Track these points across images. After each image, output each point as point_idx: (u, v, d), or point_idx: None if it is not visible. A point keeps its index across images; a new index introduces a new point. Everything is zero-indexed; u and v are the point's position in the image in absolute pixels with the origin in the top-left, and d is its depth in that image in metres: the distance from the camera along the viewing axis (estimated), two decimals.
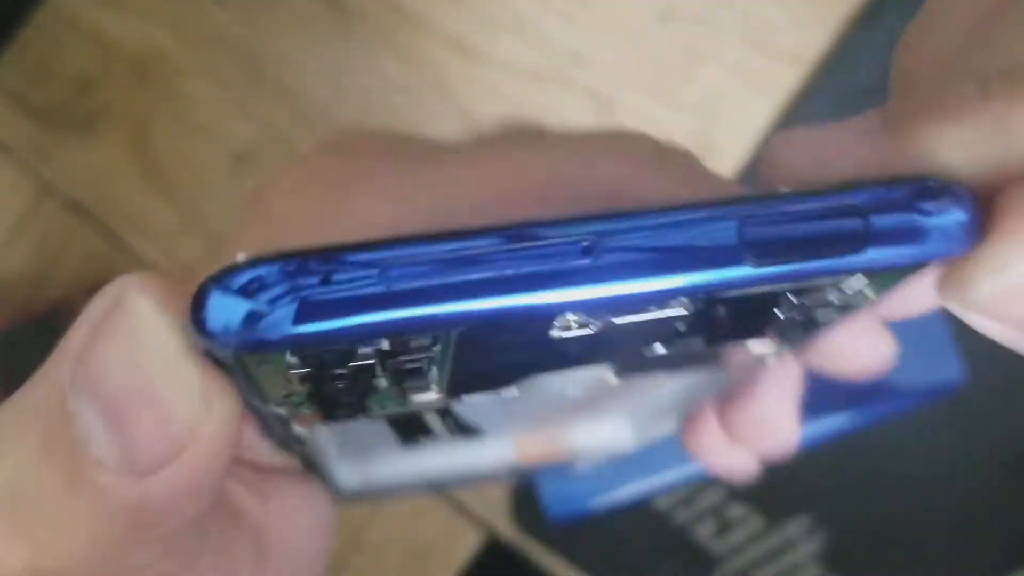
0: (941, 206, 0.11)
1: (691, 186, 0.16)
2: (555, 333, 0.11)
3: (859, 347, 0.17)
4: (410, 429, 0.16)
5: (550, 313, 0.10)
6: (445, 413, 0.16)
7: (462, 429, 0.17)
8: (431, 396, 0.13)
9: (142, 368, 0.11)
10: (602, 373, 0.14)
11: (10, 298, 0.39)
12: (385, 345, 0.11)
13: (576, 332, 0.11)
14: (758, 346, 0.14)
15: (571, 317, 0.11)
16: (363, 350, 0.11)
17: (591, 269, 0.10)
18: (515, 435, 0.19)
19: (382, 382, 0.12)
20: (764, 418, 0.18)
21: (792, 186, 0.11)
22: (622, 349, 0.13)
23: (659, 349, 0.13)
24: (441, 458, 0.19)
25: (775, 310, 0.12)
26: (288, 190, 0.18)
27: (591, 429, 0.20)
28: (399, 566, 0.38)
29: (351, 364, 0.11)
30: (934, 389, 0.37)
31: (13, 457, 0.12)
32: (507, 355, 0.12)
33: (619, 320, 0.11)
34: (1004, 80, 0.11)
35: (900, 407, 0.37)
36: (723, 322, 0.12)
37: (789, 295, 0.12)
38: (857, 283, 0.12)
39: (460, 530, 0.38)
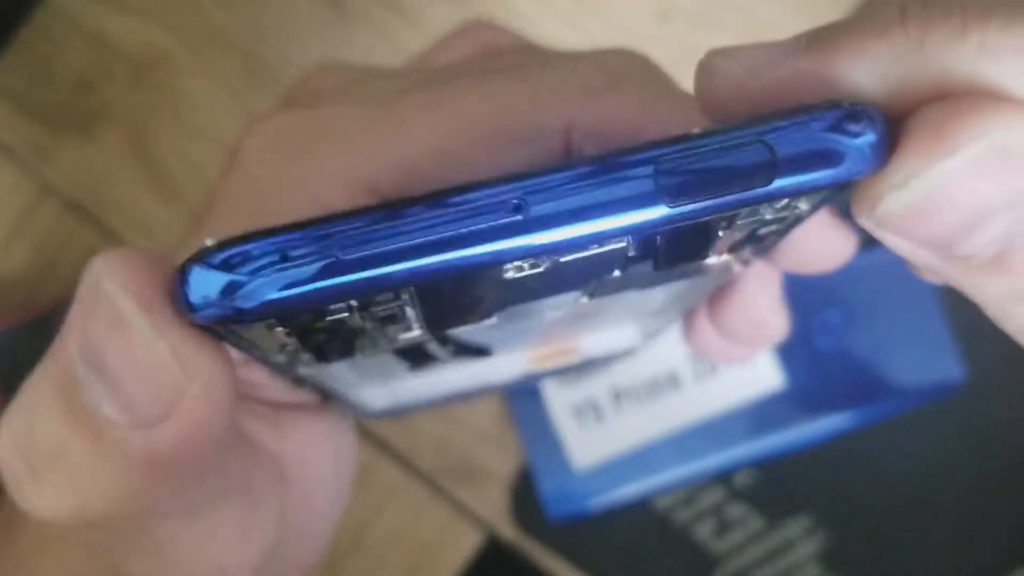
0: (851, 129, 0.11)
1: (642, 114, 0.17)
2: (509, 275, 0.12)
3: (818, 247, 0.17)
4: (416, 358, 0.17)
5: (491, 264, 0.11)
6: (444, 341, 0.16)
7: (468, 351, 0.18)
8: (414, 334, 0.14)
9: (124, 343, 0.12)
10: (574, 297, 0.15)
11: (10, 298, 0.39)
12: (352, 301, 0.12)
13: (528, 272, 0.12)
14: (714, 260, 0.14)
15: (516, 263, 0.11)
16: (333, 307, 0.12)
17: (521, 223, 0.11)
18: (523, 349, 0.20)
19: (363, 328, 0.13)
20: (750, 317, 0.19)
21: (711, 112, 0.12)
22: (581, 278, 0.14)
23: (616, 274, 0.13)
24: (456, 376, 0.20)
25: (716, 232, 0.13)
26: (261, 148, 0.19)
27: (596, 335, 0.21)
28: (399, 566, 0.38)
29: (327, 319, 0.12)
30: (934, 389, 0.37)
31: (46, 421, 0.13)
32: (473, 295, 0.13)
33: (564, 259, 0.12)
34: (921, 5, 0.12)
35: (900, 407, 0.37)
36: (667, 248, 0.13)
37: (722, 221, 0.12)
38: (782, 204, 0.12)
39: (460, 530, 0.38)
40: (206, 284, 0.11)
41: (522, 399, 0.37)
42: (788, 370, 0.37)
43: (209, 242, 0.11)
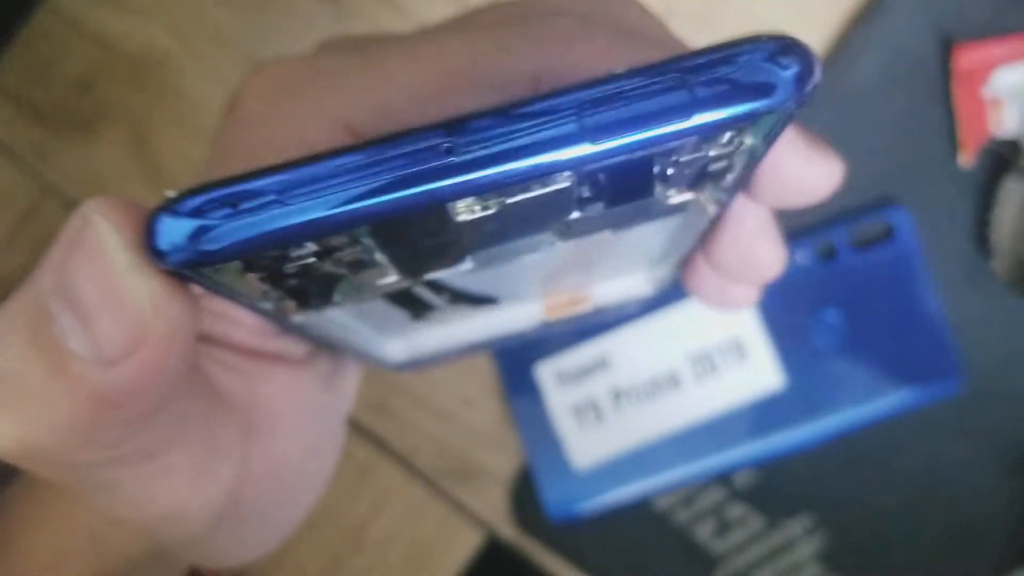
0: (775, 61, 0.11)
1: (622, 50, 0.17)
2: (463, 218, 0.12)
3: (796, 177, 0.18)
4: (411, 306, 0.18)
5: (428, 203, 0.12)
6: (436, 289, 0.17)
7: (468, 299, 0.19)
8: (392, 279, 0.15)
9: (102, 278, 0.13)
10: (547, 239, 0.15)
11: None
12: (312, 247, 0.13)
13: (479, 215, 0.12)
14: (676, 199, 0.15)
15: (461, 204, 0.12)
16: (296, 252, 0.13)
17: (452, 166, 0.11)
18: (532, 298, 0.21)
19: (336, 273, 0.14)
20: (741, 250, 0.19)
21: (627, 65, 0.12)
22: (541, 220, 0.14)
23: (576, 215, 0.14)
24: (470, 326, 0.21)
25: (662, 169, 0.13)
26: (255, 92, 0.19)
27: (604, 284, 0.21)
28: (399, 566, 0.38)
29: (294, 264, 0.13)
30: (934, 389, 0.37)
31: (7, 350, 0.14)
32: (433, 238, 0.14)
33: (510, 200, 0.12)
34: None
35: (900, 407, 0.37)
36: (611, 186, 0.13)
37: (660, 158, 0.13)
38: (724, 139, 0.13)
39: (460, 530, 0.38)
40: (171, 231, 0.12)
41: (522, 399, 0.37)
42: (788, 370, 0.37)
43: (171, 193, 0.12)
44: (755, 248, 0.19)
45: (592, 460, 0.37)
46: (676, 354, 0.37)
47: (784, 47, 0.11)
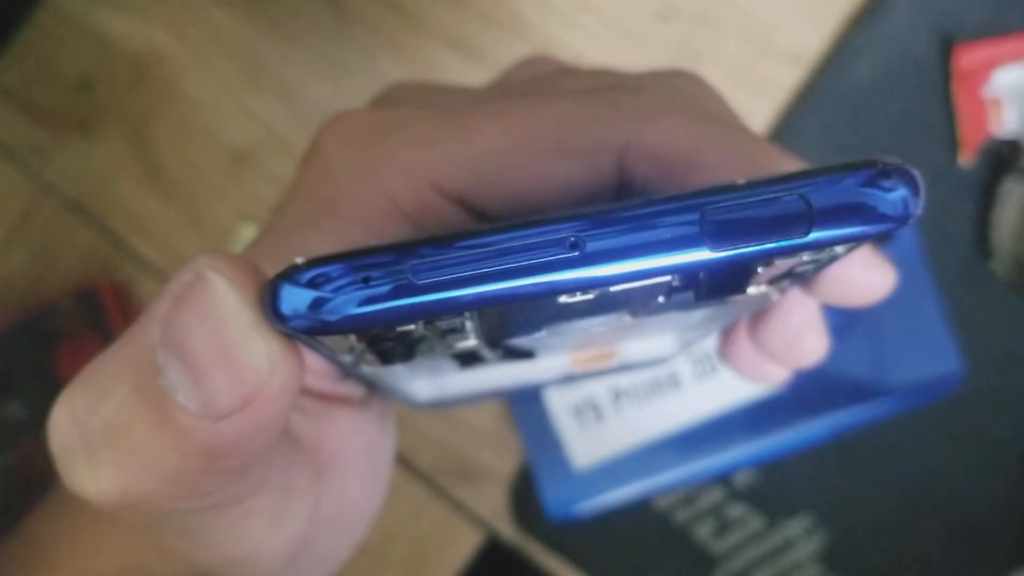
0: (883, 184, 0.12)
1: (689, 140, 0.18)
2: (563, 300, 0.13)
3: (857, 282, 0.18)
4: (466, 359, 0.19)
5: (548, 294, 0.12)
6: (495, 347, 0.18)
7: (515, 355, 0.19)
8: (470, 343, 0.16)
9: (218, 335, 0.13)
10: (619, 316, 0.16)
11: (9, 298, 0.39)
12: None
13: (580, 298, 0.13)
14: (753, 290, 0.16)
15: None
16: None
17: (577, 259, 0.12)
18: (566, 352, 0.21)
19: (426, 337, 0.15)
20: (789, 336, 0.20)
21: (747, 177, 0.13)
22: (627, 303, 0.15)
23: (661, 300, 0.15)
24: (501, 374, 0.22)
25: (755, 271, 0.14)
26: (338, 139, 0.20)
27: (636, 343, 0.22)
28: (399, 566, 0.38)
29: (397, 330, 0.14)
30: (934, 388, 0.37)
31: (112, 400, 0.14)
32: (528, 315, 0.15)
33: (613, 288, 0.13)
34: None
35: (900, 407, 0.37)
36: (709, 282, 0.14)
37: (760, 262, 0.13)
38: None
39: (460, 530, 0.38)
40: (295, 298, 0.12)
41: (522, 399, 0.37)
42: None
43: (299, 260, 0.12)
44: (801, 338, 0.20)
45: (592, 460, 0.37)
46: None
47: (894, 172, 0.12)
